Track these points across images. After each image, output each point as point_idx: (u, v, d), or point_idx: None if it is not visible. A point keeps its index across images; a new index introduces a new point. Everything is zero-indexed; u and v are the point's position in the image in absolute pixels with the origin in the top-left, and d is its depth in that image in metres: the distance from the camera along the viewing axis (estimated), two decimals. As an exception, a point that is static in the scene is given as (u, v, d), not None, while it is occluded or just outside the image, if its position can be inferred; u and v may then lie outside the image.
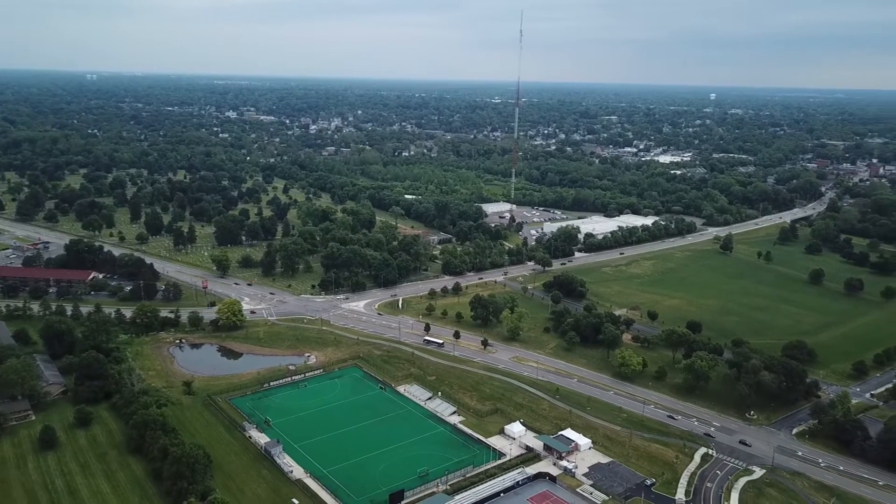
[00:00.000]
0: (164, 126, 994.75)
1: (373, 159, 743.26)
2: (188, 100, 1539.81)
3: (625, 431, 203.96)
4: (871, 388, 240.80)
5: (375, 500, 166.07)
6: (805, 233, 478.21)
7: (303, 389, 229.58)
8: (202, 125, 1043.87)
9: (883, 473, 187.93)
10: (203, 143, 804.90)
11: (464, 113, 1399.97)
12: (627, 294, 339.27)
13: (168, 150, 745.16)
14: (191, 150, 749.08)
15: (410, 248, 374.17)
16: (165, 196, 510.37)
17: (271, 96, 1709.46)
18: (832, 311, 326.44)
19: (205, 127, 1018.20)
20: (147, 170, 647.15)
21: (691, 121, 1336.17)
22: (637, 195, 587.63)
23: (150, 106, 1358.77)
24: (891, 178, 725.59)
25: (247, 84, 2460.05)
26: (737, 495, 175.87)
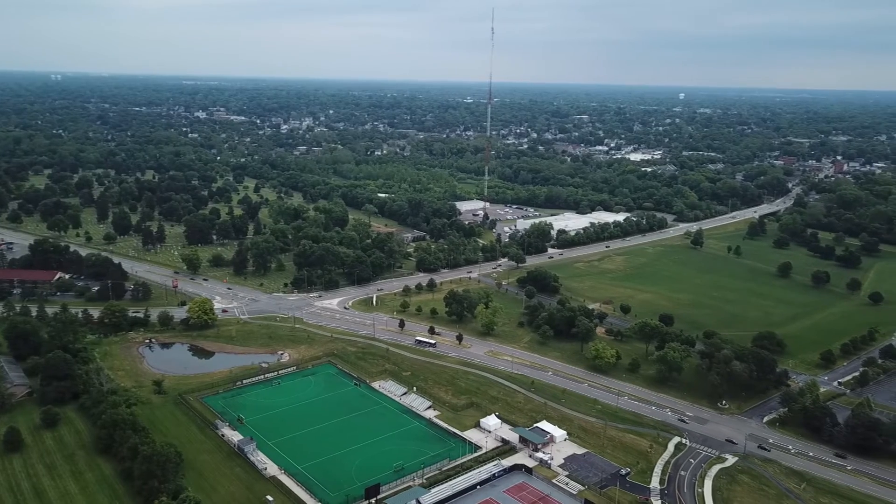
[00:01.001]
0: (132, 126, 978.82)
1: (345, 158, 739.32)
2: (156, 100, 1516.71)
3: (599, 422, 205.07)
4: (838, 377, 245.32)
5: (351, 495, 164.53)
6: (773, 228, 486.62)
7: (276, 387, 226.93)
8: (171, 125, 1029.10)
9: (851, 458, 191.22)
10: (172, 143, 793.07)
11: (436, 112, 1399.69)
12: (600, 289, 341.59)
13: (136, 150, 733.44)
14: (159, 150, 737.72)
15: (384, 245, 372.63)
16: (133, 196, 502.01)
17: (241, 96, 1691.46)
18: (800, 302, 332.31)
19: (174, 127, 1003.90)
20: (114, 170, 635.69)
21: (661, 120, 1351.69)
22: (608, 192, 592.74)
23: (116, 106, 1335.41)
24: (855, 174, 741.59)
25: (216, 84, 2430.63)
26: (710, 482, 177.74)
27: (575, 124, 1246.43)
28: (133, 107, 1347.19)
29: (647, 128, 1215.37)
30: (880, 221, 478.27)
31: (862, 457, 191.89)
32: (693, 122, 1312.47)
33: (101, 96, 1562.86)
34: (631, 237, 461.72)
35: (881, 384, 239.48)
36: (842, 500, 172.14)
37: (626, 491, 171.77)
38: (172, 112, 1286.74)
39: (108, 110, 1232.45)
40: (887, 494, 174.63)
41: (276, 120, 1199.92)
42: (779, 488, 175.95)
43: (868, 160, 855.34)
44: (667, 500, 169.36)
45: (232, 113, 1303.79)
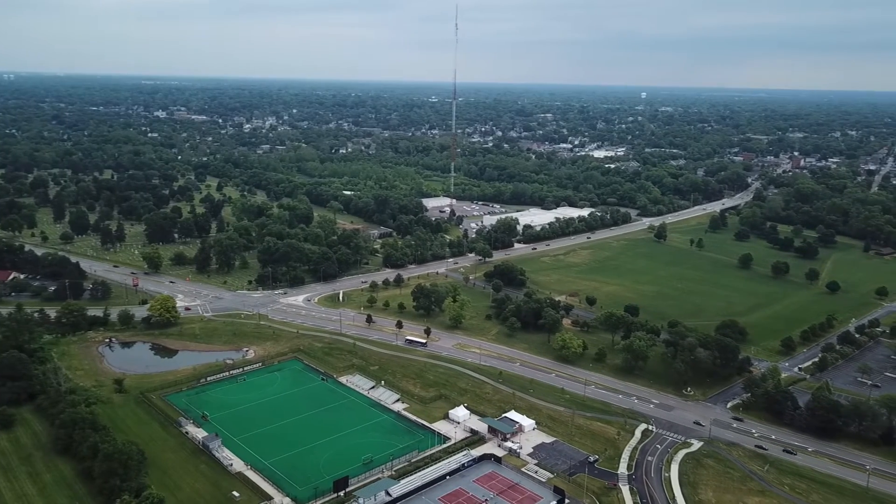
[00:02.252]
0: (89, 126, 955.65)
1: (309, 156, 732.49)
2: (114, 100, 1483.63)
3: (567, 411, 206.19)
4: (798, 363, 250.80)
5: (319, 489, 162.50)
6: (734, 221, 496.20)
7: (241, 383, 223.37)
8: (130, 125, 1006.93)
9: (811, 440, 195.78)
10: (131, 143, 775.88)
11: (401, 111, 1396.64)
12: (566, 282, 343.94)
13: (93, 149, 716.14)
14: (118, 149, 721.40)
15: (350, 241, 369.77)
16: (91, 195, 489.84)
17: (203, 96, 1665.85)
18: (761, 292, 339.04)
19: (133, 126, 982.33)
20: (71, 169, 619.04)
21: (624, 118, 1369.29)
22: (573, 188, 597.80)
23: (73, 106, 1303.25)
24: (811, 169, 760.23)
25: (177, 84, 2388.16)
26: (676, 467, 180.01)
27: (539, 122, 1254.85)
28: (90, 106, 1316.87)
29: (611, 126, 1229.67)
30: (836, 214, 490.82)
31: (822, 439, 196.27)
32: (655, 120, 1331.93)
33: (56, 96, 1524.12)
34: (596, 231, 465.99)
35: (839, 369, 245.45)
36: (804, 480, 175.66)
37: (594, 477, 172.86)
38: (131, 112, 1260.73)
39: (63, 110, 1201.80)
40: (847, 474, 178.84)
41: (239, 119, 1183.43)
42: (743, 471, 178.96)
43: (823, 156, 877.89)
44: (634, 485, 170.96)
45: (193, 112, 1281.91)
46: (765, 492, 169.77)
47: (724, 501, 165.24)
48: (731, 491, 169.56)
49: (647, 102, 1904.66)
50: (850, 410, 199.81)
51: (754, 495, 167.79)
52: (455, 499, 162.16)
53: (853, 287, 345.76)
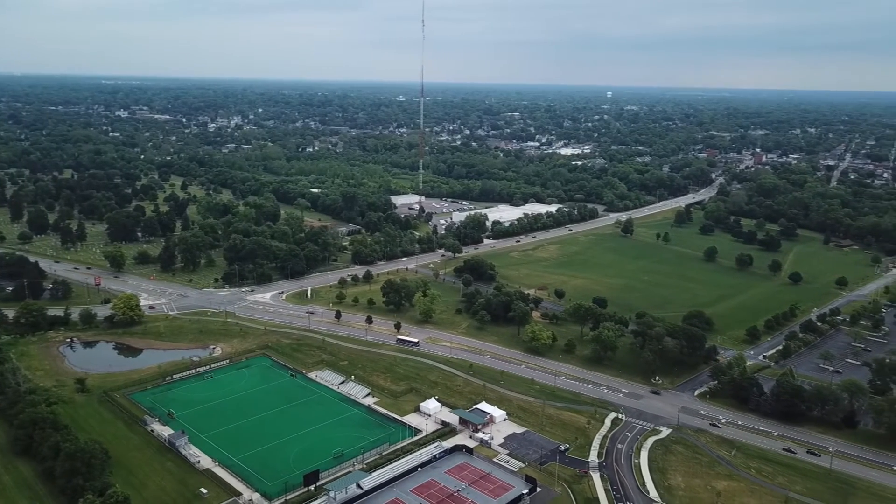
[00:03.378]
0: (48, 125, 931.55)
1: (276, 155, 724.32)
2: (74, 99, 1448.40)
3: (538, 402, 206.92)
4: (763, 351, 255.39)
5: (289, 483, 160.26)
6: (699, 215, 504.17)
7: (209, 381, 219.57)
8: (90, 124, 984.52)
9: (776, 425, 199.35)
10: (92, 142, 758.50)
11: (369, 110, 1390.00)
12: (535, 276, 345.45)
13: (52, 148, 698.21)
14: (78, 148, 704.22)
15: (318, 238, 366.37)
16: (50, 194, 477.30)
17: (166, 95, 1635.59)
18: (726, 284, 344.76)
19: (93, 126, 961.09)
20: (29, 169, 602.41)
21: (590, 116, 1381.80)
22: (541, 185, 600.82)
23: (30, 105, 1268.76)
24: (773, 164, 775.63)
25: (139, 84, 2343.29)
26: (646, 453, 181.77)
27: (507, 121, 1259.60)
28: (48, 106, 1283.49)
29: (577, 124, 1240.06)
30: (797, 208, 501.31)
31: (787, 423, 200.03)
32: (621, 118, 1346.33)
33: (12, 95, 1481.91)
34: (564, 227, 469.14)
35: (802, 356, 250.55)
36: (770, 463, 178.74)
37: (565, 466, 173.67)
38: (92, 111, 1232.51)
39: (20, 109, 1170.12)
40: (808, 456, 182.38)
41: (203, 118, 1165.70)
42: (711, 456, 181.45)
43: (784, 152, 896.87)
44: (605, 472, 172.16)
45: (156, 112, 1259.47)
46: (732, 476, 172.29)
47: (693, 486, 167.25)
48: (700, 476, 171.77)
49: (613, 101, 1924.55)
50: (813, 395, 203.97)
51: (722, 479, 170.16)
52: (427, 490, 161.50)
53: (814, 278, 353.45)
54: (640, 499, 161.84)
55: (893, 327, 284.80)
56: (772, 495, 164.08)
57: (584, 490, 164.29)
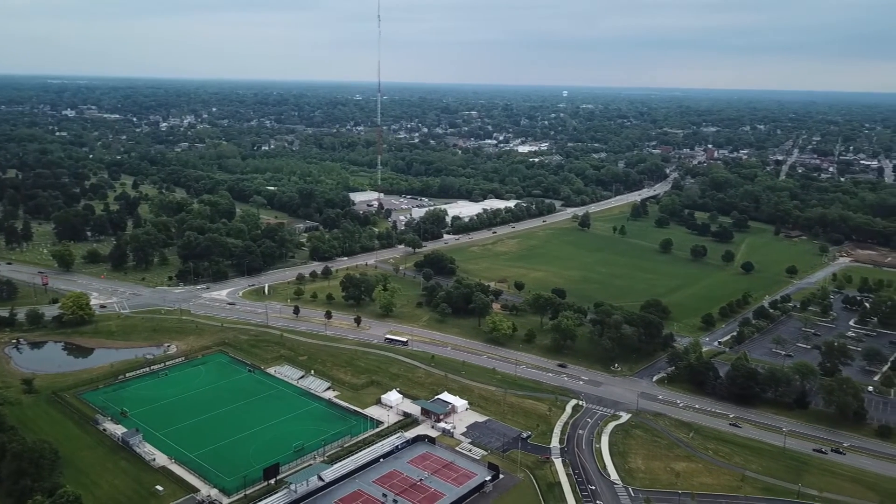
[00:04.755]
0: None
1: (230, 153, 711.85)
2: (17, 99, 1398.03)
3: (499, 391, 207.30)
4: (718, 337, 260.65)
5: (249, 478, 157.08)
6: (654, 209, 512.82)
7: (163, 378, 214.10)
8: (35, 123, 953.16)
9: (732, 407, 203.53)
10: (37, 141, 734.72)
11: (325, 109, 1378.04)
12: (495, 269, 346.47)
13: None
14: (22, 148, 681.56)
15: (275, 235, 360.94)
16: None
17: (115, 95, 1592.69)
18: (681, 274, 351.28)
19: (39, 125, 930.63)
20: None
21: (546, 114, 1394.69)
22: (499, 181, 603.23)
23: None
24: (724, 159, 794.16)
25: (86, 83, 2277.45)
26: (607, 438, 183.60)
27: (464, 120, 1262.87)
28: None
29: (534, 122, 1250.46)
30: (748, 201, 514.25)
31: (742, 405, 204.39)
32: (577, 116, 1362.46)
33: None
34: (522, 222, 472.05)
35: (755, 341, 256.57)
36: (726, 444, 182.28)
37: (527, 452, 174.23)
38: (37, 110, 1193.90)
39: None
40: (765, 437, 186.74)
41: (155, 118, 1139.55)
42: (670, 439, 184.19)
43: (735, 147, 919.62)
44: (567, 458, 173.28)
45: (105, 111, 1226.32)
46: (691, 457, 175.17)
47: (653, 468, 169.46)
48: (659, 458, 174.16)
49: (569, 101, 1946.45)
50: (767, 378, 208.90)
51: (681, 461, 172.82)
52: (389, 480, 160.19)
53: (766, 267, 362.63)
54: (602, 482, 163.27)
55: (841, 312, 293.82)
56: (729, 474, 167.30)
57: (547, 475, 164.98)
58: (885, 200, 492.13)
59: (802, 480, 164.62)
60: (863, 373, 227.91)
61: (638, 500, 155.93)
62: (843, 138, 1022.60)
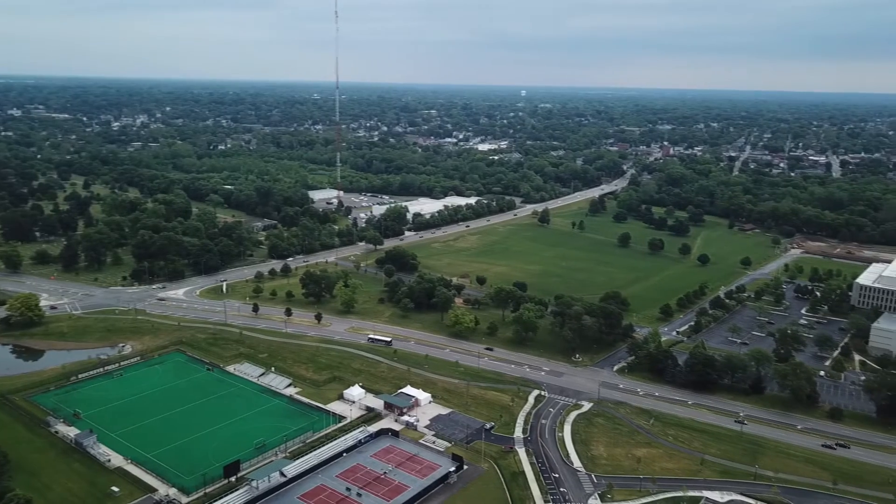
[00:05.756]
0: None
1: (186, 152, 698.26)
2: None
3: (463, 383, 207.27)
4: (676, 327, 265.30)
5: (209, 476, 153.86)
6: (612, 205, 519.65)
7: (118, 379, 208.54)
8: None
9: (691, 394, 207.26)
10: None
11: (283, 108, 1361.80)
12: (457, 265, 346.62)
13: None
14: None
15: (232, 233, 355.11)
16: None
17: (65, 94, 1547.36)
18: (639, 267, 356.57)
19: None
20: None
21: (505, 113, 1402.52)
22: (460, 179, 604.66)
23: None
24: (680, 156, 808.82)
25: (33, 83, 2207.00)
26: (569, 427, 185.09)
27: (424, 118, 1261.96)
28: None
29: (493, 121, 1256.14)
30: (703, 195, 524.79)
31: (700, 392, 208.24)
32: (535, 115, 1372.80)
33: None
34: (483, 218, 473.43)
35: (712, 331, 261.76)
36: (686, 430, 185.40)
37: (491, 443, 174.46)
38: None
39: None
40: (723, 422, 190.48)
41: (107, 117, 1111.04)
42: (630, 426, 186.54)
43: (690, 144, 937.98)
44: (530, 447, 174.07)
45: (53, 111, 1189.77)
46: (651, 443, 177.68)
47: (615, 455, 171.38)
48: (621, 445, 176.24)
49: (528, 100, 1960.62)
50: (724, 364, 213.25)
51: (642, 447, 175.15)
52: (353, 474, 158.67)
53: (721, 259, 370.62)
54: (565, 470, 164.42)
55: (793, 301, 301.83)
56: (689, 459, 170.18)
57: (511, 465, 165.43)
58: (832, 194, 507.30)
59: (759, 462, 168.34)
60: (815, 358, 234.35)
61: (601, 486, 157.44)
62: (792, 135, 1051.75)
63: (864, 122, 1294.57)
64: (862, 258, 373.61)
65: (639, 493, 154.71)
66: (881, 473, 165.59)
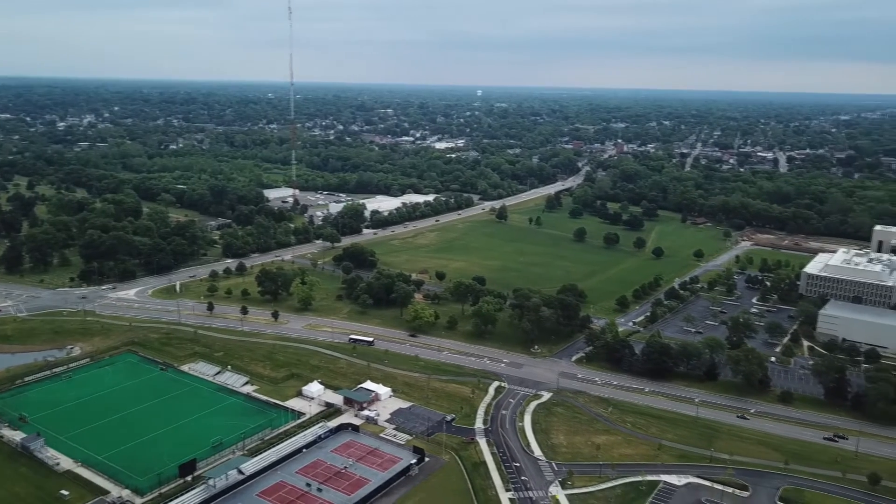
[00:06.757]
0: None
1: (136, 152, 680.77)
2: None
3: (423, 377, 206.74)
4: (632, 318, 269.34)
5: (164, 476, 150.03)
6: (568, 201, 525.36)
7: (67, 381, 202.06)
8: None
9: (648, 382, 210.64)
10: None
11: (236, 107, 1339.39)
12: (416, 261, 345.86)
13: None
14: None
15: (185, 232, 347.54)
16: None
17: (6, 93, 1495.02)
18: (596, 261, 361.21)
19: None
20: None
21: (462, 113, 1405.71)
22: (417, 176, 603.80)
23: None
24: (634, 153, 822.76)
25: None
26: (529, 417, 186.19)
27: (380, 117, 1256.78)
28: None
29: (450, 120, 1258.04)
30: (657, 191, 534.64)
31: (656, 380, 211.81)
32: (491, 114, 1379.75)
33: None
34: (441, 215, 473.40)
35: (667, 320, 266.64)
36: (643, 416, 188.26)
37: (452, 435, 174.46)
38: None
39: None
40: (677, 407, 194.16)
41: (51, 117, 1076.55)
42: (589, 414, 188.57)
43: (643, 142, 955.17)
44: (491, 438, 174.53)
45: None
46: (610, 430, 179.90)
47: (575, 443, 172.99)
48: (580, 433, 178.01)
49: (484, 99, 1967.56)
50: (679, 352, 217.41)
51: (601, 434, 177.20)
52: (313, 469, 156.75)
53: (675, 252, 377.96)
54: (526, 458, 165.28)
55: (744, 291, 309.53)
56: (646, 444, 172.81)
57: (472, 456, 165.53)
58: (780, 188, 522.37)
59: (714, 446, 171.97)
60: (765, 345, 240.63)
61: (561, 473, 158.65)
62: (741, 133, 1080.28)
63: (808, 120, 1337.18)
64: (808, 249, 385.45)
65: (599, 479, 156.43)
66: (829, 453, 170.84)
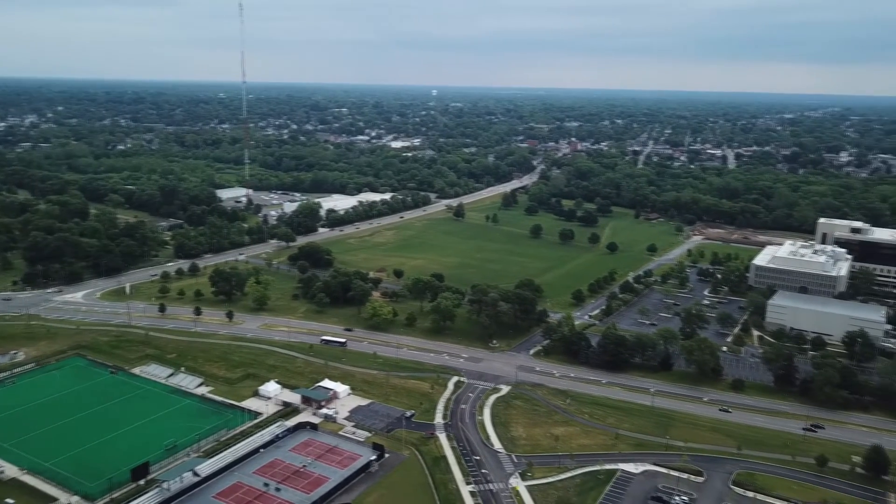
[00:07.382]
0: None
1: (81, 153, 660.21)
2: None
3: (382, 374, 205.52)
4: (588, 311, 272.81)
5: (115, 480, 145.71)
6: (523, 198, 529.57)
7: (10, 387, 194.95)
8: None
9: (604, 374, 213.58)
10: None
11: (186, 107, 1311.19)
12: (374, 260, 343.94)
13: None
14: None
15: (135, 233, 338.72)
16: None
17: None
18: (551, 257, 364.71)
19: None
20: None
21: (417, 112, 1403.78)
22: (373, 175, 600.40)
23: None
24: (587, 151, 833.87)
25: None
26: (488, 410, 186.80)
27: (335, 116, 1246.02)
28: None
29: (405, 119, 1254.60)
30: (610, 187, 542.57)
31: (613, 371, 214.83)
32: (446, 113, 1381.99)
33: None
34: (398, 213, 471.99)
35: (622, 313, 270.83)
36: (600, 407, 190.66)
37: (412, 430, 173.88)
38: None
39: None
40: (633, 398, 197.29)
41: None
42: (548, 406, 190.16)
43: (597, 140, 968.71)
44: (451, 432, 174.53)
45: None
46: (569, 422, 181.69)
47: (534, 434, 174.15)
48: (539, 425, 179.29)
49: (439, 99, 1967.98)
50: (634, 344, 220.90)
51: (560, 426, 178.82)
52: (271, 469, 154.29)
53: (629, 247, 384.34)
54: (486, 451, 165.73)
55: (697, 284, 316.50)
56: (604, 434, 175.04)
57: (432, 450, 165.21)
58: (729, 184, 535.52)
59: (669, 434, 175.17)
60: (717, 335, 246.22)
61: (521, 465, 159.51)
62: (691, 131, 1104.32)
63: (755, 119, 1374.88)
64: (757, 242, 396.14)
65: (558, 470, 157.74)
66: (780, 437, 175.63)
